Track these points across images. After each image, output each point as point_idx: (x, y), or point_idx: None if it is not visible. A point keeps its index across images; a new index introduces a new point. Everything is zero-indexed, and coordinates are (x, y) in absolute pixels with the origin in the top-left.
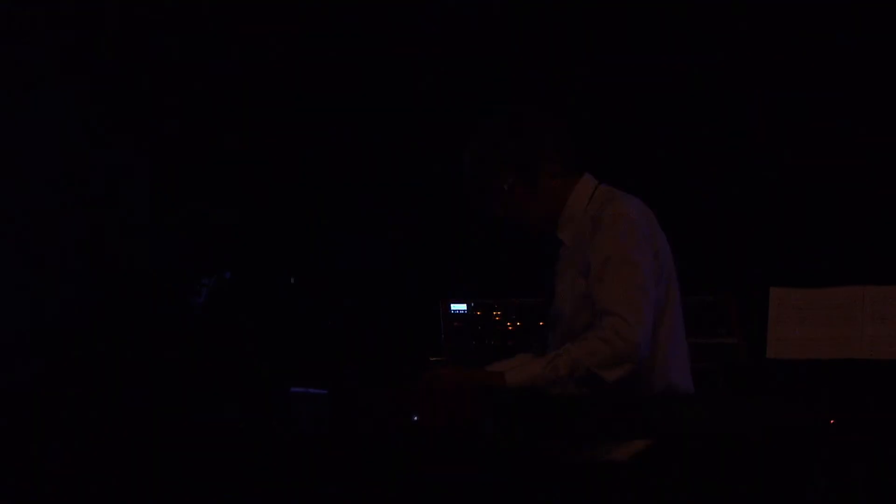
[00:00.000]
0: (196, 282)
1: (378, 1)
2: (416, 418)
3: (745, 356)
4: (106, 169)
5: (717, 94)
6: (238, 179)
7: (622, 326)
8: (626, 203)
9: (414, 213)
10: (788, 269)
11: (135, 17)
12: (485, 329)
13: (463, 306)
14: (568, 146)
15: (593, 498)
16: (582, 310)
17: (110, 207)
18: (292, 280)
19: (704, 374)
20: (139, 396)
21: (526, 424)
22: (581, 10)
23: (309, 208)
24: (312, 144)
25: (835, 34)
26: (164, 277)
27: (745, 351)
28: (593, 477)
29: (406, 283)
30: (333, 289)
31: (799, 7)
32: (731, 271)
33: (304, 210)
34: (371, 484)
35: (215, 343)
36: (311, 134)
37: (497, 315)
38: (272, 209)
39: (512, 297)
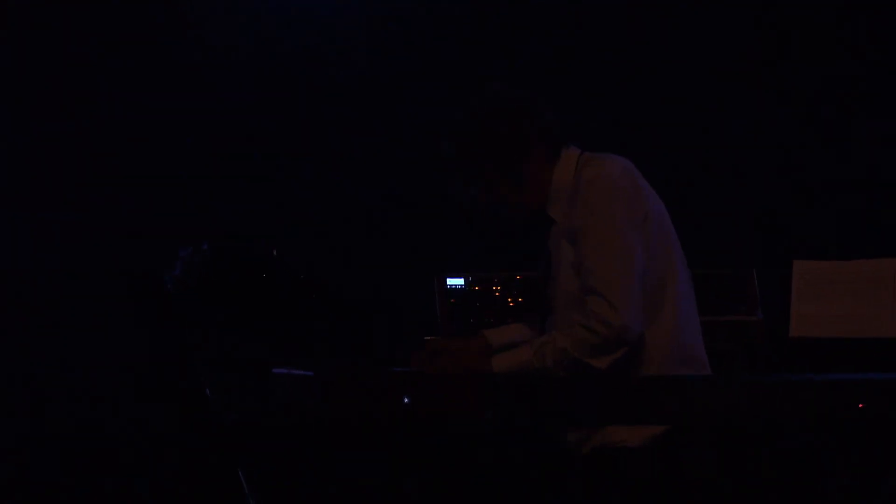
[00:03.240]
0: (171, 253)
1: None
2: (407, 401)
3: (767, 335)
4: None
5: (737, 60)
6: (217, 142)
7: (604, 310)
8: (604, 163)
9: (405, 179)
10: (813, 240)
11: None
12: (484, 305)
13: (460, 280)
14: (554, 130)
15: (604, 486)
16: (573, 278)
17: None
18: (274, 252)
19: (723, 355)
20: (108, 378)
21: (530, 410)
22: None
23: (293, 175)
24: (296, 108)
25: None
26: (135, 248)
27: (767, 329)
28: (604, 464)
29: (398, 255)
30: (319, 261)
31: None
32: (750, 243)
33: (287, 176)
34: (360, 472)
35: (190, 320)
36: (296, 98)
37: (497, 290)
38: (252, 174)
39: (513, 270)
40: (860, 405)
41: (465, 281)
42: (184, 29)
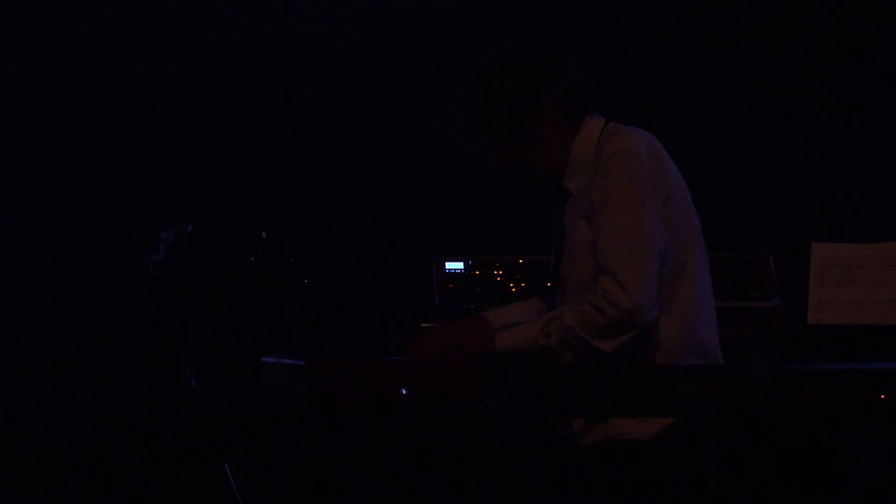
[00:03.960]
0: (153, 235)
1: None
2: (404, 392)
3: (784, 322)
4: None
5: (753, 39)
6: (205, 120)
7: (615, 291)
8: (629, 137)
9: (403, 156)
10: (833, 222)
11: None
12: (484, 290)
13: (459, 264)
14: (578, 88)
15: (606, 482)
16: (588, 258)
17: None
18: (264, 234)
19: (738, 342)
20: (89, 365)
21: (532, 398)
22: None
23: (283, 153)
24: (286, 87)
25: None
26: (116, 230)
27: (784, 316)
28: (606, 458)
29: (394, 238)
30: (310, 244)
31: None
32: (767, 225)
33: (278, 155)
34: (353, 467)
35: (175, 305)
36: (286, 77)
37: (498, 275)
38: (240, 154)
39: (516, 253)
40: (882, 396)
41: (464, 265)
42: (173, 14)
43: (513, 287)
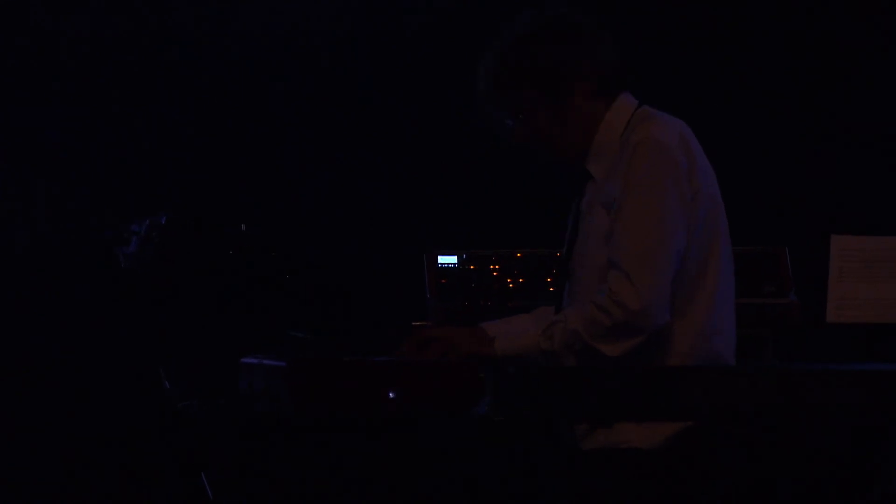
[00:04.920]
0: (124, 227)
1: None
2: (393, 395)
3: (801, 319)
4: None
5: (770, 26)
6: (181, 104)
7: (624, 291)
8: (660, 125)
9: (391, 143)
10: (854, 212)
11: None
12: (480, 286)
13: (453, 258)
14: (611, 62)
15: (613, 494)
16: (603, 250)
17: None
18: (243, 227)
19: (752, 341)
20: (54, 367)
21: (530, 401)
22: None
23: (263, 140)
24: (271, 71)
25: None
26: (85, 221)
27: (801, 313)
28: (607, 468)
29: (383, 230)
30: (293, 238)
31: None
32: (783, 216)
33: (258, 143)
34: (338, 475)
35: (148, 302)
36: (269, 67)
37: (494, 269)
38: (219, 142)
39: (513, 246)
40: None
41: (458, 258)
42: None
43: (510, 283)
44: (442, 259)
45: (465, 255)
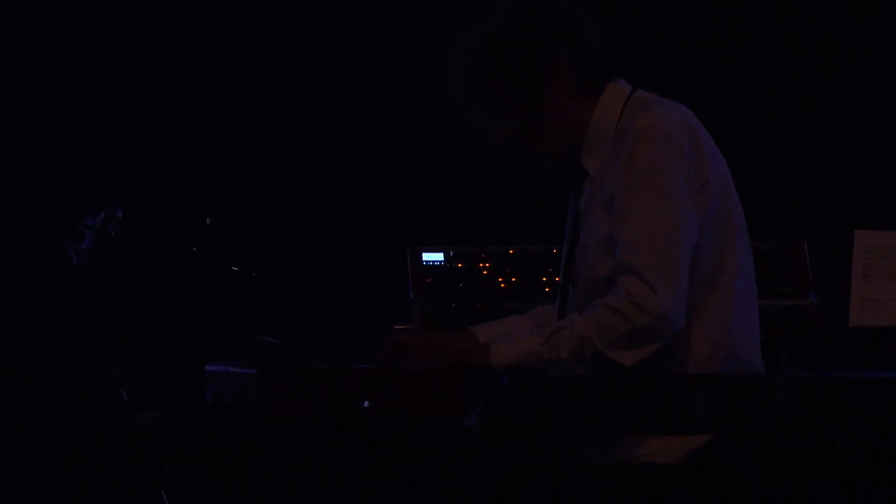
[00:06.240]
0: (77, 221)
1: None
2: (367, 405)
3: (821, 322)
4: None
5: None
6: (142, 88)
7: (642, 293)
8: (661, 112)
9: (373, 134)
10: (879, 205)
11: None
12: (468, 286)
13: (439, 255)
14: (595, 51)
15: None
16: (605, 257)
17: None
18: (208, 221)
19: (767, 346)
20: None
21: (526, 411)
22: None
23: (231, 128)
24: (249, 60)
25: None
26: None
27: (821, 315)
28: (624, 484)
29: (363, 225)
30: (263, 233)
31: None
32: (802, 209)
33: (225, 132)
34: (312, 491)
35: (103, 303)
36: (251, 51)
37: (484, 267)
38: (183, 130)
39: (503, 242)
40: None
41: (444, 255)
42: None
43: (502, 282)
44: (427, 256)
45: (452, 252)
